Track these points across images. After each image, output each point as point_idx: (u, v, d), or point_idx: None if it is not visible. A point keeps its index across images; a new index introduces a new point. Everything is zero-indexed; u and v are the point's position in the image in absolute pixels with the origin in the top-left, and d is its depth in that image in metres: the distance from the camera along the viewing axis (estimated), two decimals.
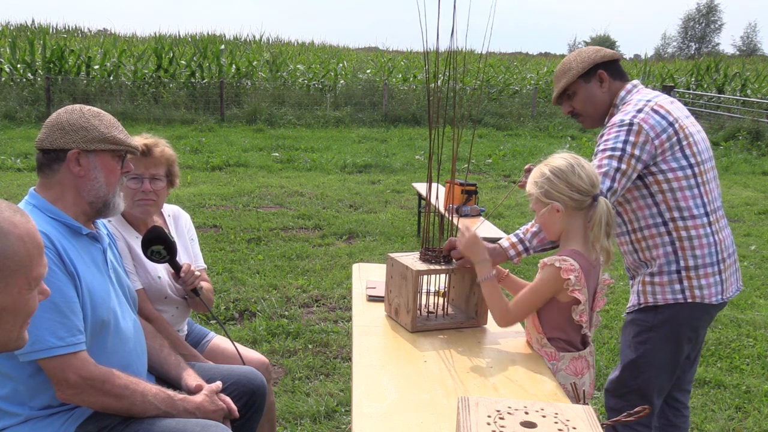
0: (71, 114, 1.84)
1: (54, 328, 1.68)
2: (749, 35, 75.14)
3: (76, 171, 1.82)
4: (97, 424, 1.81)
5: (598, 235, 2.00)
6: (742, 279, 2.67)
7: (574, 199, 2.01)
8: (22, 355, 1.68)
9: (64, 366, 1.70)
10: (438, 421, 1.64)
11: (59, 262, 1.73)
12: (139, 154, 2.20)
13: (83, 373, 1.72)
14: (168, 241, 2.19)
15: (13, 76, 16.11)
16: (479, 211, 5.44)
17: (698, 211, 2.26)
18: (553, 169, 2.03)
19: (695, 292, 2.27)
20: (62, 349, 1.69)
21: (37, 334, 1.65)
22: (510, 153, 12.44)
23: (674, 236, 2.27)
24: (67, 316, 1.71)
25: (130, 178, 2.26)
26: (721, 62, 24.26)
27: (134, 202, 2.30)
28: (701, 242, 2.26)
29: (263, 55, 21.04)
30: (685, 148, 2.27)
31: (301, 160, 10.91)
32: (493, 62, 24.23)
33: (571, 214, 2.04)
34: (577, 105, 2.46)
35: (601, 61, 2.40)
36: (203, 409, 1.92)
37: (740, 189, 10.09)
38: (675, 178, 2.25)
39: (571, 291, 1.97)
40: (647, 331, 2.32)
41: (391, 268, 2.26)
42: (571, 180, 2.00)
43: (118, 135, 1.87)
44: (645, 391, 2.33)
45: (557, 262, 1.99)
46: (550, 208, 2.04)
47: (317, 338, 4.12)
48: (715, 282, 2.29)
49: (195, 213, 7.15)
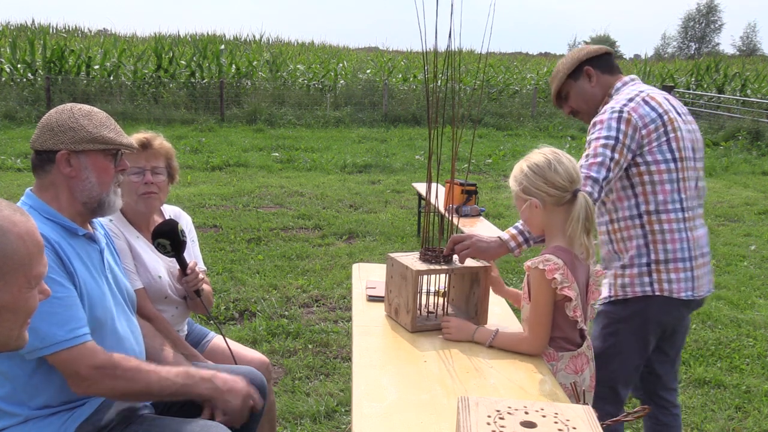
0: (60, 114, 1.84)
1: (60, 322, 1.69)
2: (749, 35, 75.19)
3: (66, 172, 1.82)
4: (97, 424, 1.81)
5: (576, 231, 1.98)
6: (743, 279, 2.69)
7: (552, 195, 2.01)
8: (31, 352, 1.68)
9: (74, 358, 1.70)
10: (438, 421, 1.64)
11: (58, 260, 1.73)
12: (138, 148, 2.22)
13: (93, 362, 1.72)
14: (176, 239, 2.22)
15: (14, 76, 16.11)
16: (479, 211, 5.44)
17: (674, 206, 2.29)
18: (530, 165, 2.04)
19: (664, 285, 2.29)
20: (70, 342, 1.69)
21: (44, 330, 1.66)
22: (510, 153, 12.44)
23: (647, 229, 2.30)
24: (71, 309, 1.72)
25: (132, 173, 2.27)
26: (721, 62, 24.27)
27: (138, 197, 2.30)
28: (673, 237, 2.29)
29: (263, 55, 21.04)
30: (672, 141, 2.29)
31: (301, 160, 10.91)
32: (493, 62, 24.23)
33: (551, 210, 2.03)
34: (573, 104, 2.52)
35: (585, 58, 2.45)
36: (220, 377, 1.91)
37: (740, 189, 10.09)
38: (657, 171, 2.27)
39: (561, 289, 1.97)
40: (616, 323, 2.35)
41: (391, 268, 2.26)
42: (547, 176, 2.00)
43: (108, 134, 1.85)
44: (611, 382, 2.36)
45: (540, 263, 1.98)
46: (530, 204, 2.04)
47: (317, 338, 4.12)
48: (685, 277, 2.31)
49: (195, 213, 7.15)
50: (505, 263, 5.80)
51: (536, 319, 2.02)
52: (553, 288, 1.97)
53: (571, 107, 2.53)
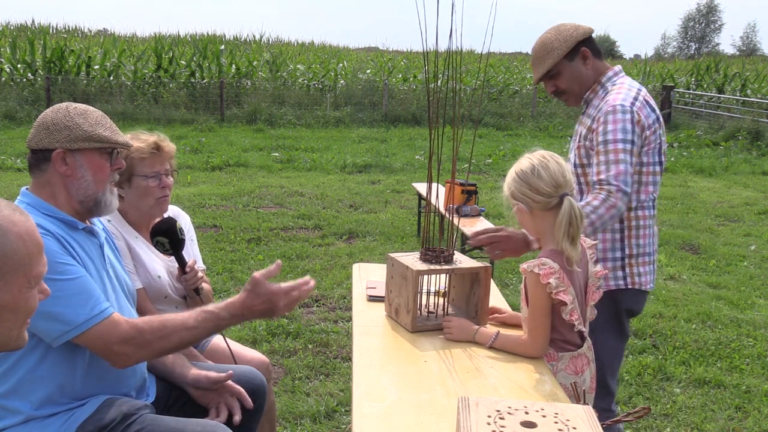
0: (56, 113, 1.84)
1: (80, 303, 1.71)
2: (749, 35, 75.17)
3: (62, 170, 1.82)
4: (97, 424, 1.81)
5: (559, 237, 1.97)
6: (742, 279, 2.74)
7: (537, 201, 2.01)
8: (58, 338, 1.70)
9: (104, 335, 1.73)
10: (438, 421, 1.64)
11: (62, 248, 1.75)
12: (150, 149, 2.23)
13: (121, 337, 1.74)
14: (175, 237, 2.22)
15: (14, 76, 16.11)
16: (479, 211, 5.43)
17: (648, 204, 2.37)
18: (517, 170, 2.06)
19: (635, 278, 2.39)
20: (94, 320, 1.72)
21: (67, 314, 1.69)
22: (510, 153, 12.43)
23: (624, 224, 2.36)
24: (88, 291, 1.74)
25: (150, 178, 2.27)
26: (721, 62, 24.26)
27: (155, 201, 2.31)
28: (645, 232, 2.37)
29: (263, 55, 21.03)
30: (663, 144, 2.35)
31: (301, 160, 10.91)
32: (493, 62, 24.23)
33: (539, 215, 2.03)
34: (562, 84, 2.43)
35: (582, 38, 2.39)
36: (248, 306, 1.86)
37: (740, 189, 10.09)
38: (646, 172, 2.32)
39: (555, 294, 1.96)
40: (594, 318, 2.37)
41: (391, 268, 2.25)
42: (531, 182, 2.01)
43: (104, 132, 1.85)
44: (599, 376, 2.37)
45: (536, 268, 1.98)
46: (517, 208, 2.06)
47: (317, 338, 4.12)
48: (650, 270, 2.42)
49: (195, 213, 7.15)
50: (505, 263, 5.80)
51: (534, 323, 2.02)
52: (549, 292, 1.97)
53: (557, 87, 2.44)
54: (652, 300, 5.08)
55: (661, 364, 3.98)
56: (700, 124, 16.69)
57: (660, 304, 4.99)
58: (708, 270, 5.96)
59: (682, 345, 4.27)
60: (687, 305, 4.98)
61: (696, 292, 5.30)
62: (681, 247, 6.65)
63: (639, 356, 4.09)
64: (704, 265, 6.10)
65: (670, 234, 7.05)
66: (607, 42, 64.31)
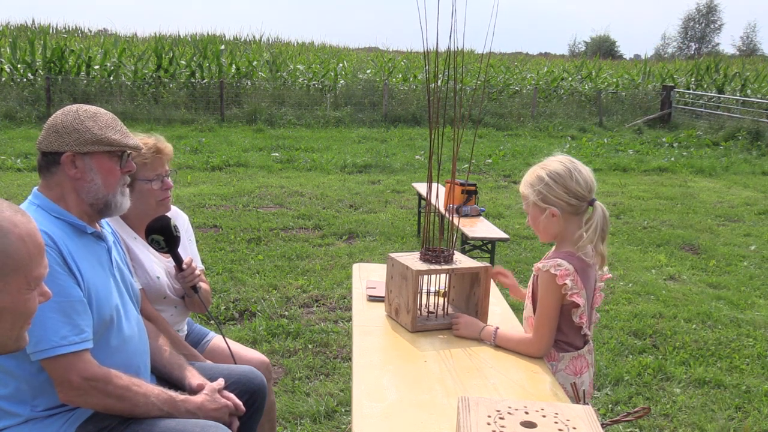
0: (66, 116, 1.83)
1: (57, 327, 1.68)
2: (749, 35, 75.20)
3: (72, 173, 1.82)
4: (97, 424, 1.81)
5: (593, 239, 1.98)
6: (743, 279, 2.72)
7: (572, 204, 2.01)
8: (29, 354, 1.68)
9: (68, 366, 1.70)
10: (438, 421, 1.64)
11: (62, 262, 1.73)
12: (152, 153, 2.24)
13: (86, 374, 1.71)
14: (170, 235, 2.22)
15: (14, 76, 16.10)
16: (479, 211, 5.43)
17: None
18: (550, 173, 2.01)
19: None
20: (65, 348, 1.68)
21: (40, 334, 1.65)
22: (510, 153, 12.43)
23: None
24: (70, 316, 1.71)
25: (152, 180, 2.27)
26: (721, 62, 24.26)
27: (158, 203, 2.31)
28: None
29: (263, 55, 21.03)
30: None
31: (301, 160, 10.91)
32: (493, 62, 24.22)
33: (567, 219, 2.03)
34: None
35: None
36: (204, 409, 1.91)
37: (740, 189, 10.09)
38: None
39: (570, 295, 1.96)
40: None
41: (391, 268, 2.26)
42: (569, 185, 1.99)
43: (113, 135, 1.85)
44: None
45: (552, 268, 1.97)
46: (548, 213, 2.02)
47: (317, 338, 4.12)
48: None
49: (195, 213, 7.15)
50: (505, 263, 5.80)
51: (541, 322, 2.01)
52: (563, 293, 1.97)
53: None
54: (652, 300, 5.09)
55: (661, 364, 3.98)
56: (700, 124, 16.69)
57: (660, 304, 4.99)
58: (708, 270, 5.96)
59: (682, 345, 4.27)
60: (687, 305, 4.98)
61: (696, 292, 5.30)
62: (681, 247, 6.65)
63: (639, 356, 4.09)
64: (704, 265, 6.09)
65: (670, 234, 7.05)
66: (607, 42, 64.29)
